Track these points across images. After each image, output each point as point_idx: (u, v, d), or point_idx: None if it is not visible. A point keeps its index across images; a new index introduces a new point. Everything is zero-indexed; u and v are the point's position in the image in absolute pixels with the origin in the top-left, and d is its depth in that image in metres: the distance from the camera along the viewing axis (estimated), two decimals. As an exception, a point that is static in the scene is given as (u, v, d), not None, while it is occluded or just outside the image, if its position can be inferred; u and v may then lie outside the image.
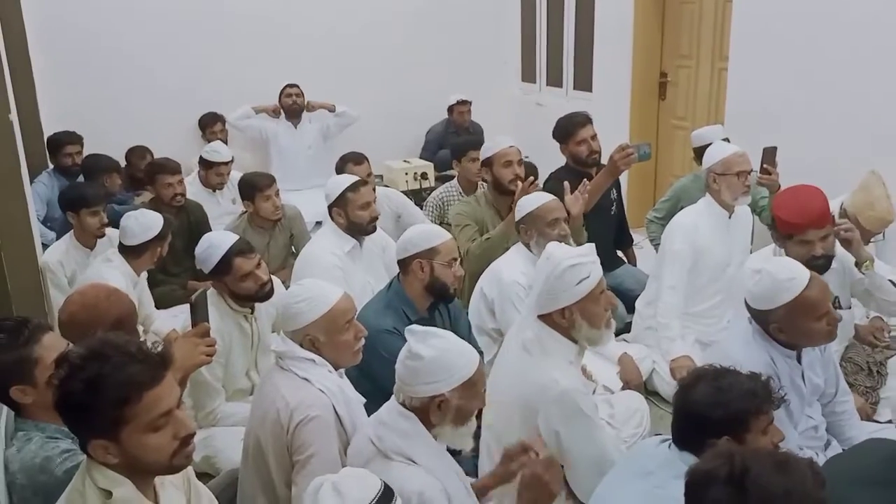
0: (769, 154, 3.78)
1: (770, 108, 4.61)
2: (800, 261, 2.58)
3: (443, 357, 1.98)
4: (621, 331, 3.84)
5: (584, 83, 6.53)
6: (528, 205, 3.36)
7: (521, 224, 3.38)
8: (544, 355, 2.38)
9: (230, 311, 3.13)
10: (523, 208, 3.37)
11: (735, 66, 4.93)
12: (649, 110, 6.00)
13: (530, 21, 7.27)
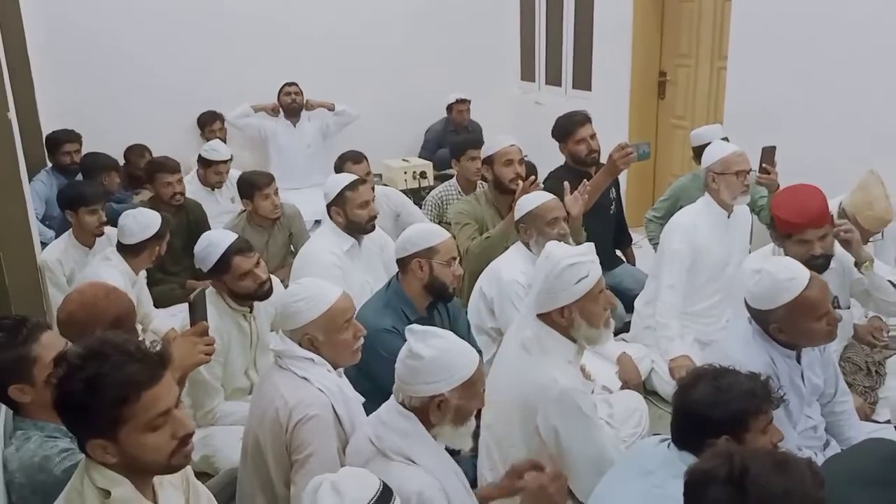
0: (768, 153, 3.79)
1: (769, 108, 4.61)
2: (799, 260, 2.58)
3: (443, 357, 1.98)
4: (620, 330, 3.84)
5: (584, 82, 6.52)
6: (528, 204, 3.36)
7: (521, 223, 3.38)
8: (543, 354, 2.38)
9: (229, 310, 3.13)
10: (523, 207, 3.37)
11: (734, 66, 4.93)
12: (648, 109, 6.00)
13: (529, 20, 7.27)
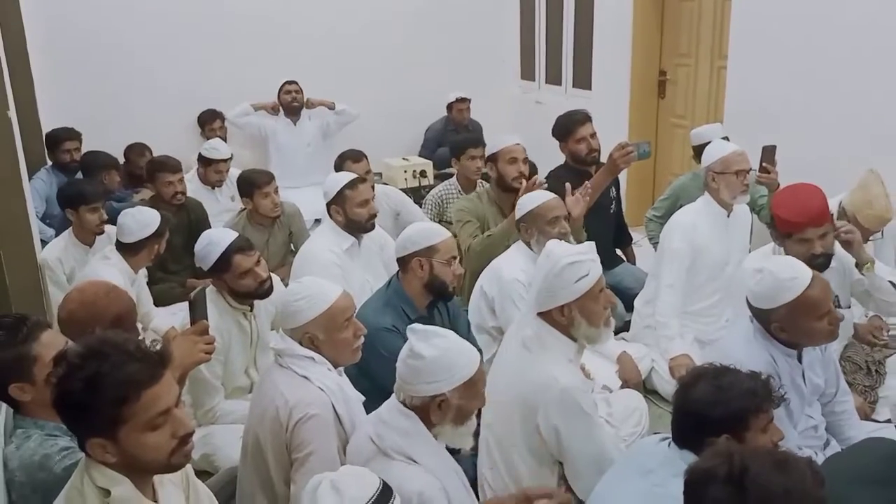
0: (768, 153, 3.79)
1: (769, 107, 4.60)
2: (799, 259, 2.58)
3: (444, 356, 1.98)
4: (620, 329, 3.84)
5: (584, 81, 6.52)
6: (529, 203, 3.35)
7: (522, 222, 3.37)
8: (544, 353, 2.38)
9: (229, 309, 3.12)
10: (524, 206, 3.36)
11: (734, 65, 4.93)
12: (648, 109, 6.00)
13: (529, 19, 7.26)
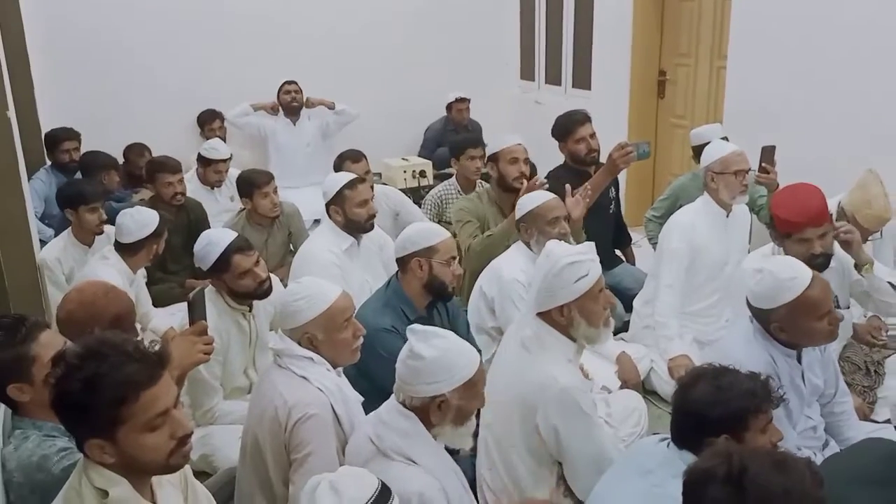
0: (768, 153, 3.79)
1: (769, 107, 4.60)
2: (799, 259, 2.58)
3: (444, 357, 1.98)
4: (619, 330, 3.83)
5: (583, 81, 6.52)
6: (529, 203, 3.35)
7: (522, 222, 3.37)
8: (543, 353, 2.38)
9: (228, 309, 3.12)
10: (524, 207, 3.36)
11: (734, 65, 4.93)
12: (648, 109, 6.00)
13: (529, 19, 7.26)
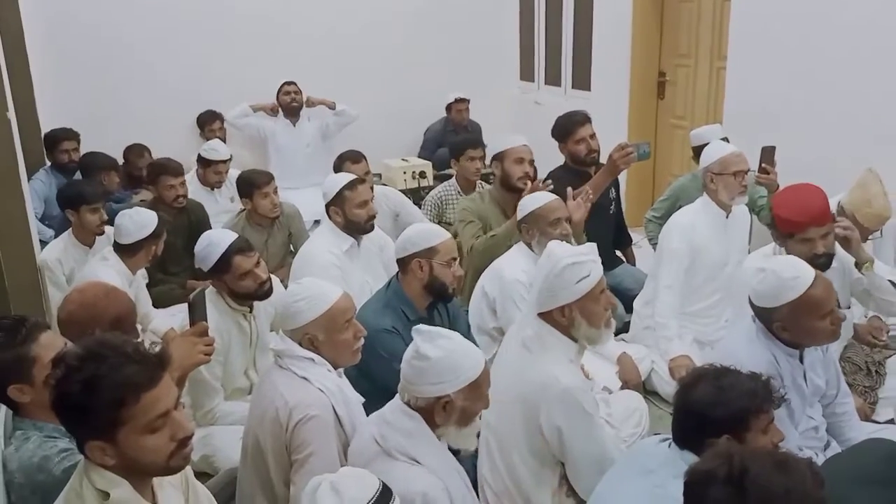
0: (768, 153, 3.79)
1: (768, 108, 4.60)
2: (801, 259, 2.58)
3: (449, 358, 1.98)
4: (619, 330, 3.83)
5: (583, 82, 6.52)
6: (530, 204, 3.35)
7: (523, 223, 3.37)
8: (544, 353, 2.38)
9: (229, 310, 3.12)
10: (525, 208, 3.36)
11: (733, 66, 4.93)
12: (648, 109, 6.00)
13: (529, 20, 7.26)
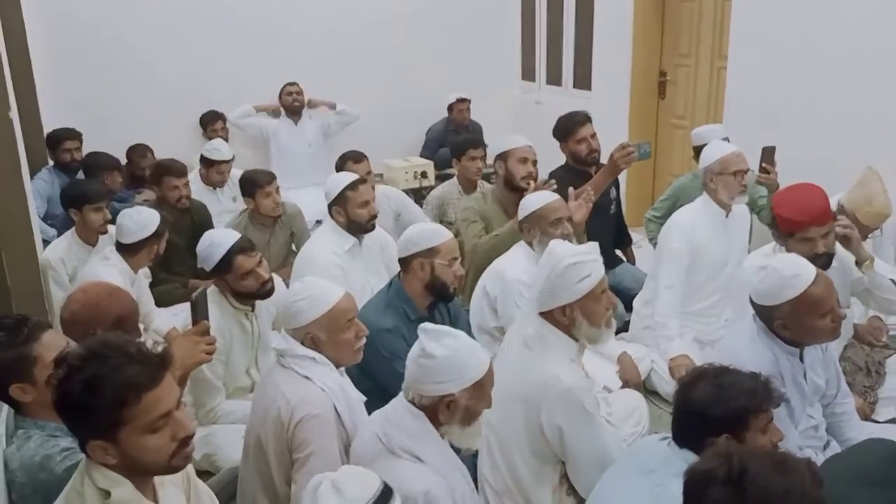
0: (768, 153, 3.79)
1: (769, 108, 4.61)
2: (802, 258, 2.58)
3: (455, 357, 1.99)
4: (619, 330, 3.82)
5: (584, 82, 6.52)
6: (532, 204, 3.34)
7: (524, 223, 3.36)
8: (546, 352, 2.38)
9: (231, 309, 3.13)
10: (526, 207, 3.35)
11: (734, 66, 4.93)
12: (648, 109, 6.00)
13: (530, 20, 7.27)
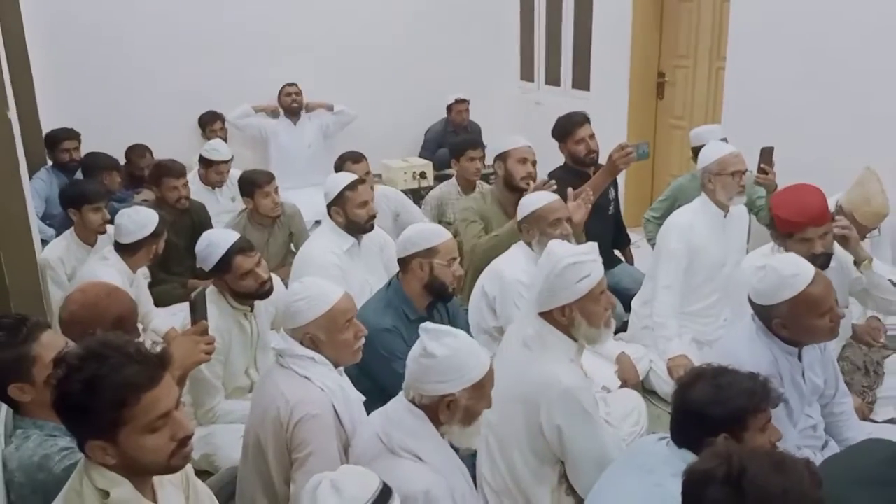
0: (766, 154, 3.80)
1: (767, 108, 4.61)
2: (800, 258, 2.58)
3: (455, 357, 1.99)
4: (618, 330, 3.83)
5: (583, 82, 6.52)
6: (531, 204, 3.34)
7: (523, 223, 3.36)
8: (545, 352, 2.39)
9: (230, 309, 3.13)
10: (525, 208, 3.35)
11: (733, 66, 4.94)
12: (647, 110, 6.01)
13: (529, 20, 7.26)
